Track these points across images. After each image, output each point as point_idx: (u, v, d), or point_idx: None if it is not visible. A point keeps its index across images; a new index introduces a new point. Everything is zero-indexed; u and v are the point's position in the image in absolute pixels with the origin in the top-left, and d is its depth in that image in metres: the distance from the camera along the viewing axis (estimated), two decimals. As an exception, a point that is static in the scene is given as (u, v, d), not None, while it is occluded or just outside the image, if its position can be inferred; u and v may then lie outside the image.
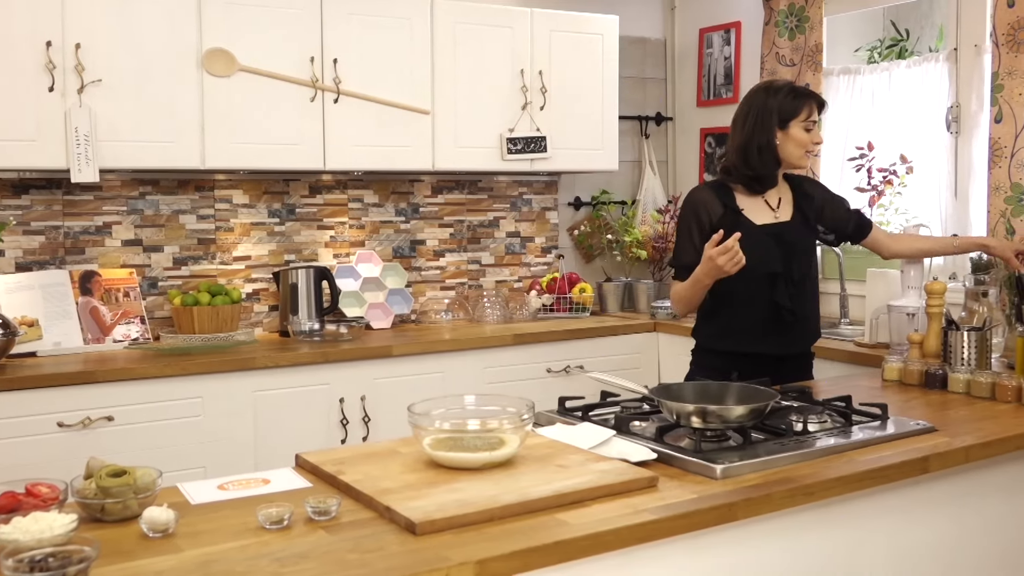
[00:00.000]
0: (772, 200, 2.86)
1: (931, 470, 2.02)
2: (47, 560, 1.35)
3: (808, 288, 2.86)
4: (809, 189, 2.97)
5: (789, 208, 2.88)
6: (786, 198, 2.89)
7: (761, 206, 2.84)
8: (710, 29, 4.84)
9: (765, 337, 2.78)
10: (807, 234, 2.89)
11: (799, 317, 2.80)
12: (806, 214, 2.89)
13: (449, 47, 3.97)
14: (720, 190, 2.85)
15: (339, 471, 1.83)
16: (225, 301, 3.71)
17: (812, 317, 2.91)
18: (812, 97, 2.84)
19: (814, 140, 2.82)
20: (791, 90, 2.85)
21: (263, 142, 3.62)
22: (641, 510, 1.65)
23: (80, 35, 3.30)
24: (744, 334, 2.80)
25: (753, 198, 2.84)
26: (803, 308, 2.83)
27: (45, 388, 3.09)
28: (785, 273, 2.76)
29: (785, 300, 2.76)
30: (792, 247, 2.78)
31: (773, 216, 2.83)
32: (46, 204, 3.65)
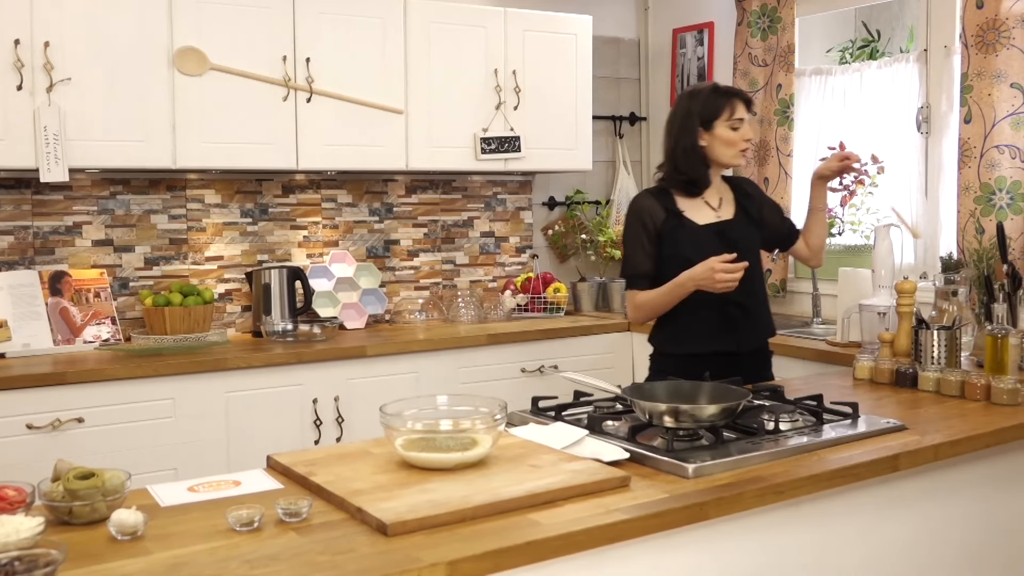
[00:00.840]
0: (712, 200, 2.88)
1: (901, 468, 2.03)
2: (13, 564, 1.34)
3: (757, 284, 2.87)
4: (749, 189, 3.00)
5: (731, 207, 2.90)
6: (727, 198, 2.91)
7: (701, 207, 2.86)
8: (683, 29, 4.86)
9: (719, 336, 2.80)
10: (751, 231, 2.90)
11: (750, 313, 2.82)
12: (748, 212, 2.91)
13: (423, 46, 3.96)
14: (660, 195, 2.87)
15: (310, 472, 1.82)
16: (197, 302, 3.69)
17: (763, 313, 2.93)
18: (735, 95, 2.83)
19: (743, 137, 2.81)
20: (713, 90, 2.85)
21: (235, 141, 3.60)
22: (613, 510, 1.66)
23: (49, 33, 3.26)
24: (699, 335, 2.81)
25: (692, 200, 2.86)
26: (753, 304, 2.85)
27: (14, 390, 3.05)
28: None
29: (730, 296, 2.77)
30: (737, 244, 2.78)
31: (715, 215, 2.86)
32: (15, 204, 3.61)
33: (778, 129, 4.26)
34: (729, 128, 2.79)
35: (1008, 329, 2.61)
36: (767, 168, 4.32)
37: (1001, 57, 3.43)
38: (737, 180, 3.01)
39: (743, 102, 2.82)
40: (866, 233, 4.05)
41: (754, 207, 2.94)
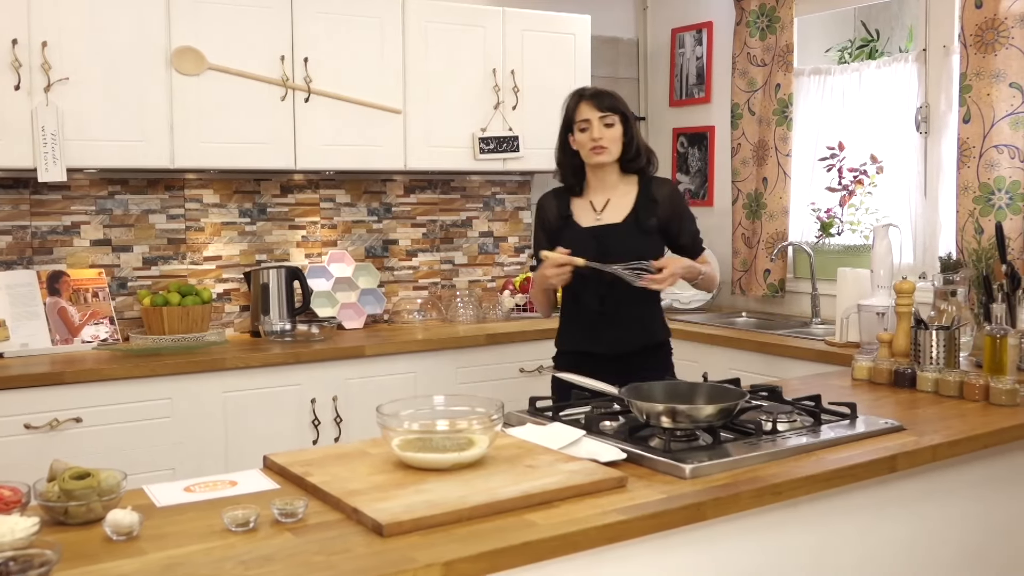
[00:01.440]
0: (597, 202, 2.92)
1: (899, 469, 2.03)
2: (8, 564, 1.34)
3: (632, 290, 2.78)
4: (658, 195, 2.94)
5: (623, 210, 2.90)
6: (622, 202, 2.91)
7: (587, 208, 2.93)
8: (682, 29, 4.86)
9: (593, 336, 2.89)
10: (635, 236, 2.87)
11: (615, 317, 2.85)
12: (641, 218, 2.89)
13: (421, 46, 3.96)
14: (559, 195, 2.99)
15: (307, 472, 1.82)
16: (195, 301, 3.68)
17: (639, 317, 2.90)
18: (581, 97, 2.89)
19: (591, 138, 2.85)
20: (578, 92, 2.94)
21: (233, 141, 3.59)
22: (610, 510, 1.65)
23: (47, 33, 3.26)
24: (577, 333, 2.94)
25: (582, 200, 2.95)
26: (621, 309, 2.86)
27: (12, 389, 3.05)
28: (595, 274, 2.78)
29: (592, 301, 2.86)
30: (609, 249, 2.80)
31: (595, 218, 2.90)
32: (13, 204, 3.61)
33: (777, 129, 4.26)
34: (579, 130, 2.88)
35: (1007, 329, 2.60)
36: (765, 168, 4.32)
37: (1000, 57, 3.42)
38: (652, 181, 2.96)
39: (590, 102, 2.86)
40: (865, 233, 4.05)
41: (653, 213, 2.90)
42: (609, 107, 2.86)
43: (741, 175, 4.45)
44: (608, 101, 2.87)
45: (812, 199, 4.26)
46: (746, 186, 4.43)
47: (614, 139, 2.86)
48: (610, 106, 2.86)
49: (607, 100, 2.88)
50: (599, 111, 2.85)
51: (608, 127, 2.85)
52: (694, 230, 3.03)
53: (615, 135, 2.86)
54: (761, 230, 4.34)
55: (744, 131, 4.43)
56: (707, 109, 4.77)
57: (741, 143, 4.45)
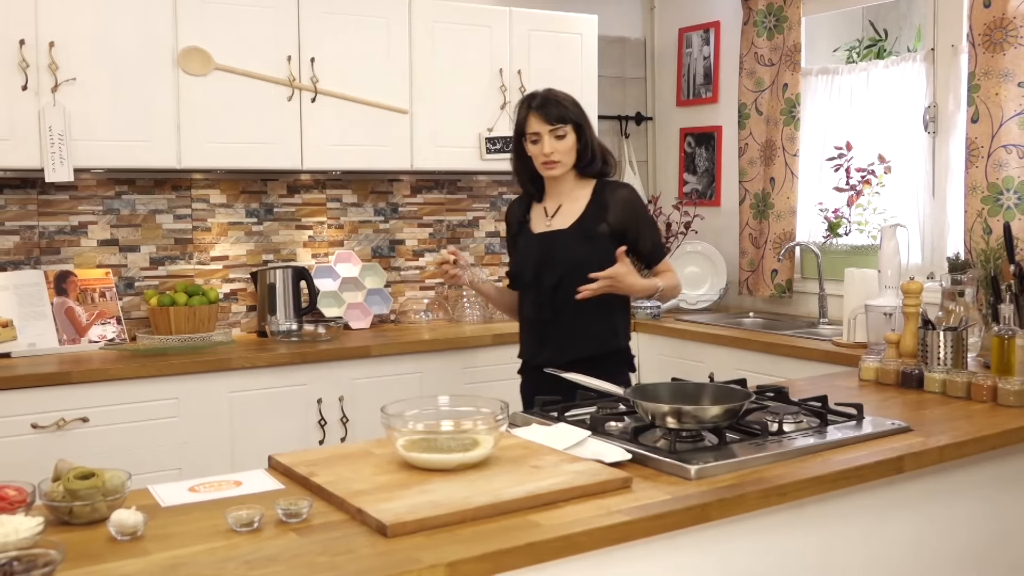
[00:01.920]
0: (550, 208, 2.88)
1: (905, 470, 2.02)
2: (11, 564, 1.34)
3: (569, 296, 2.71)
4: (610, 199, 2.83)
5: (573, 216, 2.82)
6: (574, 207, 2.84)
7: (541, 214, 2.90)
8: (689, 29, 4.85)
9: (536, 346, 2.88)
10: (584, 243, 2.78)
11: (557, 326, 2.80)
12: (589, 223, 2.80)
13: (427, 46, 3.96)
14: (522, 202, 2.97)
15: (311, 472, 1.82)
16: (202, 301, 3.69)
17: (585, 326, 2.79)
18: (531, 108, 2.78)
19: (541, 151, 2.76)
20: (527, 99, 2.83)
21: (240, 141, 3.60)
22: (615, 511, 1.65)
23: (54, 33, 3.27)
24: (524, 343, 2.96)
25: (539, 206, 2.92)
26: (564, 317, 2.79)
27: (19, 389, 3.06)
28: (534, 282, 2.78)
29: (530, 310, 2.83)
30: (551, 256, 2.77)
31: (546, 224, 2.86)
32: (20, 204, 3.62)
33: (784, 129, 4.25)
34: (529, 141, 2.79)
35: (1015, 330, 2.59)
36: (773, 168, 4.31)
37: (1008, 56, 3.41)
38: (606, 185, 2.87)
39: (538, 115, 2.75)
40: (872, 233, 4.03)
41: (603, 219, 2.80)
42: (558, 118, 2.74)
43: (748, 175, 4.44)
44: (557, 112, 2.74)
45: (819, 199, 4.24)
46: (753, 186, 4.42)
47: (566, 151, 2.76)
48: (559, 117, 2.74)
49: (555, 111, 2.75)
50: (548, 123, 2.74)
51: (559, 139, 2.75)
52: (655, 237, 2.91)
53: (567, 146, 2.76)
54: (768, 230, 4.33)
55: (751, 131, 4.42)
56: (714, 109, 4.76)
57: (748, 143, 4.44)
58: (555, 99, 2.78)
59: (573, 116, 2.77)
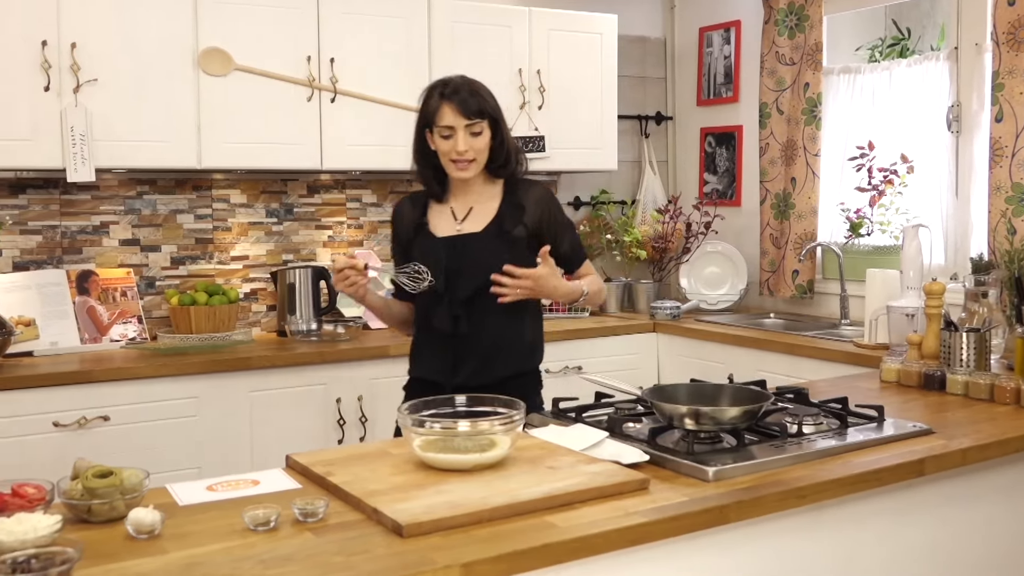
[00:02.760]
0: (459, 210, 2.54)
1: (927, 472, 2.00)
2: (29, 562, 1.35)
3: (494, 309, 2.45)
4: (524, 198, 2.55)
5: (485, 219, 2.52)
6: (486, 208, 2.54)
7: (446, 216, 2.55)
8: (710, 28, 4.83)
9: (446, 365, 2.50)
10: (500, 248, 2.48)
11: (475, 343, 2.47)
12: (505, 226, 2.51)
13: (447, 46, 3.96)
14: (417, 201, 2.61)
15: (328, 472, 1.82)
16: (222, 301, 3.71)
17: (506, 343, 2.51)
18: (444, 98, 2.43)
19: (455, 149, 2.43)
20: (439, 86, 2.47)
21: (260, 142, 3.61)
22: (631, 512, 1.64)
23: (76, 34, 3.29)
24: (428, 361, 2.56)
25: (443, 207, 2.57)
26: (483, 332, 2.48)
27: (41, 388, 3.08)
28: (448, 292, 2.45)
29: (444, 323, 2.46)
30: (463, 261, 2.46)
31: (455, 227, 2.53)
32: (43, 204, 3.64)
33: (805, 128, 4.22)
34: (439, 135, 2.45)
35: (1039, 331, 2.56)
36: (794, 168, 4.28)
37: (1033, 55, 3.37)
38: (519, 184, 2.58)
39: (454, 107, 2.41)
40: (895, 234, 4.00)
41: (519, 221, 2.52)
42: (477, 112, 2.42)
43: (769, 175, 4.42)
44: (475, 104, 2.42)
45: (841, 199, 4.21)
46: (774, 186, 4.40)
47: (481, 149, 2.45)
48: (478, 110, 2.42)
49: (474, 103, 2.42)
50: (465, 118, 2.41)
51: (475, 136, 2.43)
52: (574, 238, 2.64)
53: (482, 144, 2.45)
54: (789, 230, 4.31)
55: (772, 131, 4.39)
56: (735, 109, 4.73)
57: (769, 143, 4.41)
58: (474, 89, 2.46)
59: (491, 110, 2.46)
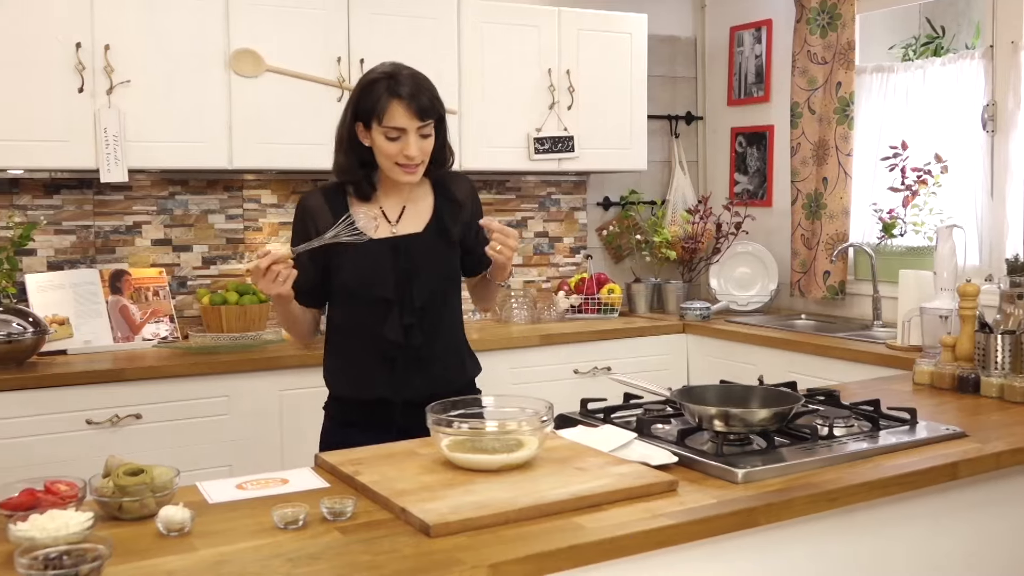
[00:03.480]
0: (390, 210, 2.34)
1: (960, 476, 1.97)
2: (61, 558, 1.36)
3: (444, 316, 2.36)
4: (459, 193, 2.41)
5: (422, 218, 2.36)
6: (419, 207, 2.37)
7: (378, 215, 2.32)
8: (741, 27, 4.80)
9: (383, 379, 2.31)
10: (444, 249, 2.36)
11: (426, 354, 2.31)
12: (446, 224, 2.36)
13: (476, 47, 3.96)
14: (333, 196, 2.34)
15: (356, 472, 1.82)
16: (253, 300, 3.73)
17: (450, 352, 2.39)
18: (397, 96, 2.20)
19: (403, 152, 2.22)
20: (385, 79, 2.23)
21: (290, 142, 3.63)
22: (659, 514, 1.63)
23: (109, 37, 3.32)
24: (360, 376, 2.34)
25: (370, 206, 2.33)
26: (432, 341, 2.33)
27: (75, 386, 3.12)
28: (400, 299, 2.28)
29: (397, 333, 2.28)
30: (416, 264, 2.29)
31: (390, 229, 2.32)
32: (77, 204, 3.69)
33: (837, 128, 4.18)
34: (383, 135, 2.22)
35: (1076, 334, 2.52)
36: (826, 168, 4.24)
37: (1071, 53, 3.32)
38: (447, 180, 2.41)
39: (408, 106, 2.19)
40: (928, 234, 3.96)
41: (459, 218, 2.39)
42: (430, 111, 2.22)
43: (801, 175, 4.38)
44: (429, 104, 2.22)
45: (874, 199, 4.17)
46: (806, 186, 4.36)
47: (428, 151, 2.27)
48: (431, 110, 2.23)
49: (427, 103, 2.22)
50: (419, 119, 2.21)
51: (425, 138, 2.24)
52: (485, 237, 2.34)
53: (431, 146, 2.27)
54: (821, 231, 4.27)
55: (804, 130, 4.36)
56: (766, 108, 4.70)
57: (801, 142, 4.37)
58: (425, 87, 2.25)
59: (440, 108, 2.28)
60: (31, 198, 3.61)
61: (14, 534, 1.44)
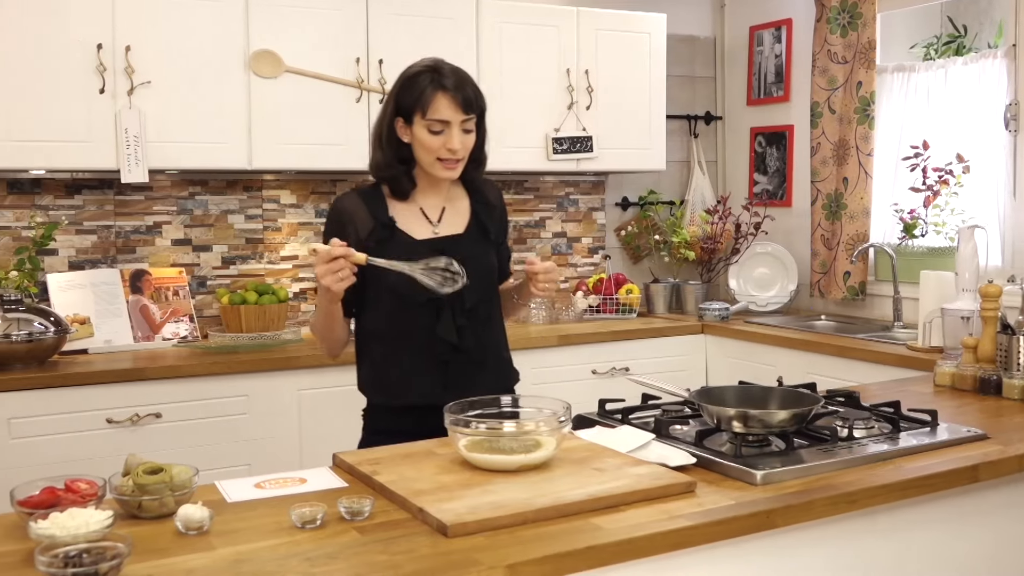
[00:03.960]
0: (431, 211, 2.30)
1: (981, 479, 1.95)
2: (81, 556, 1.37)
3: (489, 317, 2.33)
4: (492, 199, 2.40)
5: (462, 219, 2.33)
6: (457, 208, 2.34)
7: (417, 216, 2.29)
8: (761, 27, 4.78)
9: (433, 384, 2.22)
10: (486, 250, 2.33)
11: (474, 356, 2.27)
12: (485, 226, 2.34)
13: (494, 47, 3.96)
14: (370, 197, 2.28)
15: (374, 471, 1.82)
16: (272, 300, 3.74)
17: (496, 353, 2.35)
18: (442, 88, 2.16)
19: (446, 146, 2.18)
20: (430, 71, 2.19)
21: (309, 143, 3.64)
22: (677, 516, 1.62)
23: (130, 38, 3.34)
24: (405, 382, 2.25)
25: (408, 206, 2.29)
26: (480, 343, 2.29)
27: (95, 385, 3.14)
28: (452, 300, 2.20)
29: (451, 333, 2.22)
30: (465, 266, 2.17)
31: (431, 230, 2.28)
32: (98, 204, 3.71)
33: (858, 128, 4.16)
34: (426, 129, 2.18)
35: (1100, 335, 2.50)
36: (846, 168, 4.22)
37: (1095, 51, 3.29)
38: (479, 184, 2.39)
39: (453, 97, 2.15)
40: (950, 235, 3.93)
41: (494, 220, 2.38)
42: (474, 105, 2.19)
43: (821, 175, 4.36)
44: (471, 94, 2.18)
45: (895, 200, 4.15)
46: (826, 186, 4.34)
47: (470, 147, 2.23)
48: (475, 103, 2.19)
49: (472, 95, 2.18)
50: (463, 111, 2.17)
51: (467, 133, 2.21)
52: (508, 249, 2.47)
53: (471, 142, 2.23)
54: (841, 231, 4.25)
55: (824, 130, 4.33)
56: (786, 108, 4.68)
57: (821, 142, 4.35)
58: (468, 80, 2.21)
59: (482, 104, 2.24)
60: (53, 198, 3.64)
61: (35, 532, 1.45)
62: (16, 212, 3.58)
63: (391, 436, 2.11)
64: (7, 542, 1.52)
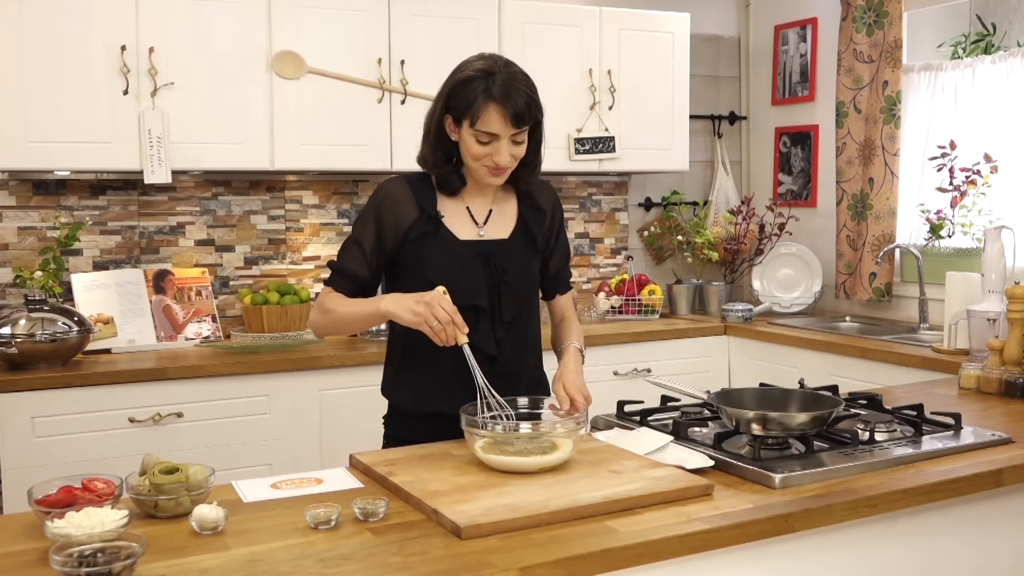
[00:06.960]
0: (477, 211, 2.18)
1: (1006, 483, 1.93)
2: (95, 555, 1.37)
3: (528, 328, 2.23)
4: (543, 202, 2.26)
5: (509, 222, 2.20)
6: (505, 211, 2.21)
7: (463, 216, 2.17)
8: (785, 26, 4.74)
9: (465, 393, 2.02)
10: (531, 259, 2.21)
11: (511, 368, 2.17)
12: (532, 232, 2.21)
13: (517, 47, 3.95)
14: (420, 186, 2.16)
15: (390, 472, 1.82)
16: (294, 301, 3.75)
17: (531, 366, 2.26)
18: (493, 99, 2.01)
19: (492, 157, 2.05)
20: (483, 77, 2.03)
21: (331, 143, 3.65)
22: (694, 519, 1.61)
23: (153, 39, 3.36)
24: (438, 390, 2.13)
25: (455, 203, 2.17)
26: (518, 355, 2.20)
27: (118, 384, 3.16)
28: (492, 309, 2.13)
29: (489, 345, 2.11)
30: (504, 274, 2.13)
31: (476, 232, 2.17)
32: (122, 204, 3.74)
33: (884, 128, 4.11)
34: (473, 137, 2.05)
35: None
36: (872, 168, 4.18)
37: (1126, 49, 3.23)
38: (537, 186, 2.26)
39: (504, 112, 2.00)
40: (977, 235, 3.88)
41: (542, 228, 2.24)
42: (526, 118, 2.03)
43: (846, 175, 4.32)
44: (523, 106, 2.02)
45: (921, 200, 4.10)
46: (851, 187, 4.29)
47: (520, 157, 2.09)
48: (527, 115, 2.03)
49: (524, 107, 2.02)
50: (514, 126, 2.02)
51: (518, 144, 2.06)
52: (567, 254, 2.32)
53: (522, 152, 2.09)
54: (867, 232, 4.20)
55: (850, 130, 4.29)
56: (811, 108, 4.64)
57: (846, 142, 4.31)
58: (524, 89, 2.04)
59: (537, 114, 2.09)
60: (77, 199, 3.66)
61: (50, 531, 1.46)
62: (41, 212, 3.61)
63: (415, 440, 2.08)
64: (25, 541, 1.54)
